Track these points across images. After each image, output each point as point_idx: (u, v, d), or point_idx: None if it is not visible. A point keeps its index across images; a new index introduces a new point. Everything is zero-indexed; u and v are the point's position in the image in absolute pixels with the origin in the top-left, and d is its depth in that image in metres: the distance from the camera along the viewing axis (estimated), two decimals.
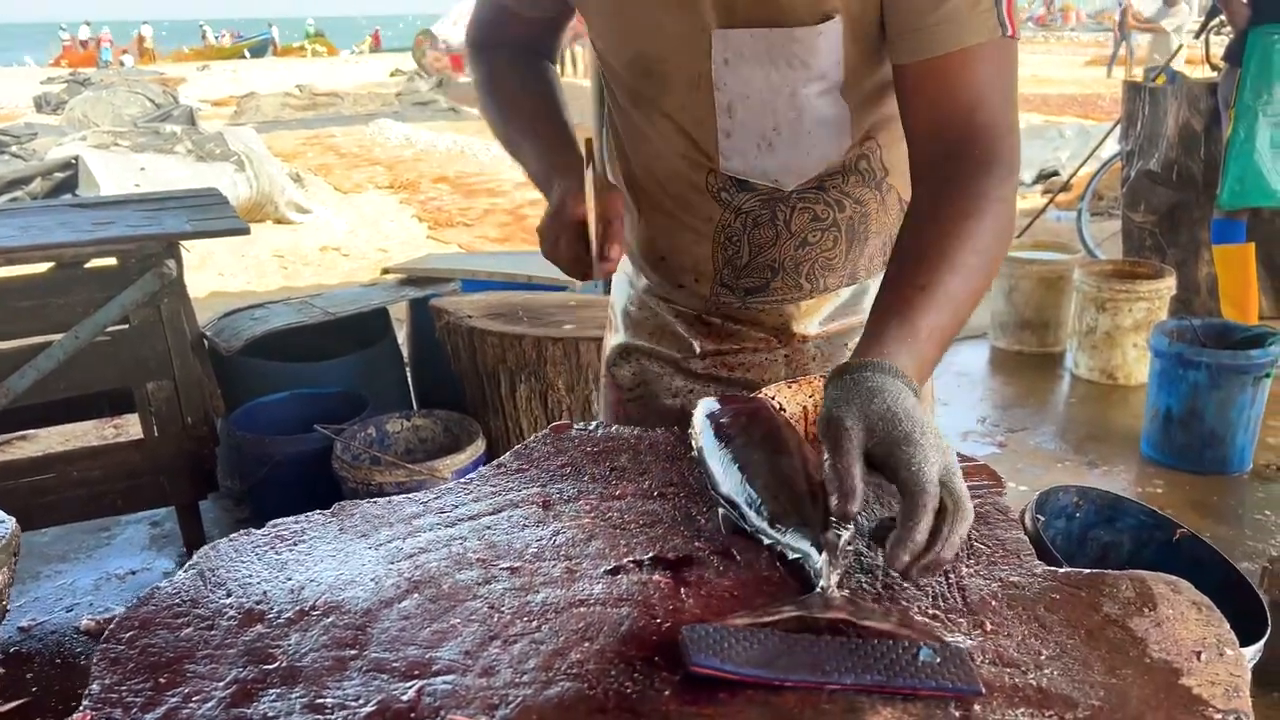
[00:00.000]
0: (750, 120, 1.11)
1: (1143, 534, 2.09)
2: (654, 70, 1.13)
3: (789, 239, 1.18)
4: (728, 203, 1.17)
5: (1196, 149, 4.55)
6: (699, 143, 1.15)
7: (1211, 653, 0.75)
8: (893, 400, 0.82)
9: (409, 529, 0.94)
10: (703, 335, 1.28)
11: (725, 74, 1.08)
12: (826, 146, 1.12)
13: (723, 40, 1.06)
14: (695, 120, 1.13)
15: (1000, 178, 0.99)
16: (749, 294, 1.23)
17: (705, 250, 1.21)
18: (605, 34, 1.17)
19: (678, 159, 1.17)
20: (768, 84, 1.08)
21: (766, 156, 1.12)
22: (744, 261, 1.20)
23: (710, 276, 1.23)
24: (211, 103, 17.98)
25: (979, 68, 0.99)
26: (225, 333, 3.13)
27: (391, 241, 7.52)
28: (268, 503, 2.85)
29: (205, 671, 0.74)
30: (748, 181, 1.15)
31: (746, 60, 1.07)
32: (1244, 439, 3.29)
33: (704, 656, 0.69)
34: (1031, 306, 4.47)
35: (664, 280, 1.28)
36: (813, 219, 1.17)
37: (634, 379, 1.33)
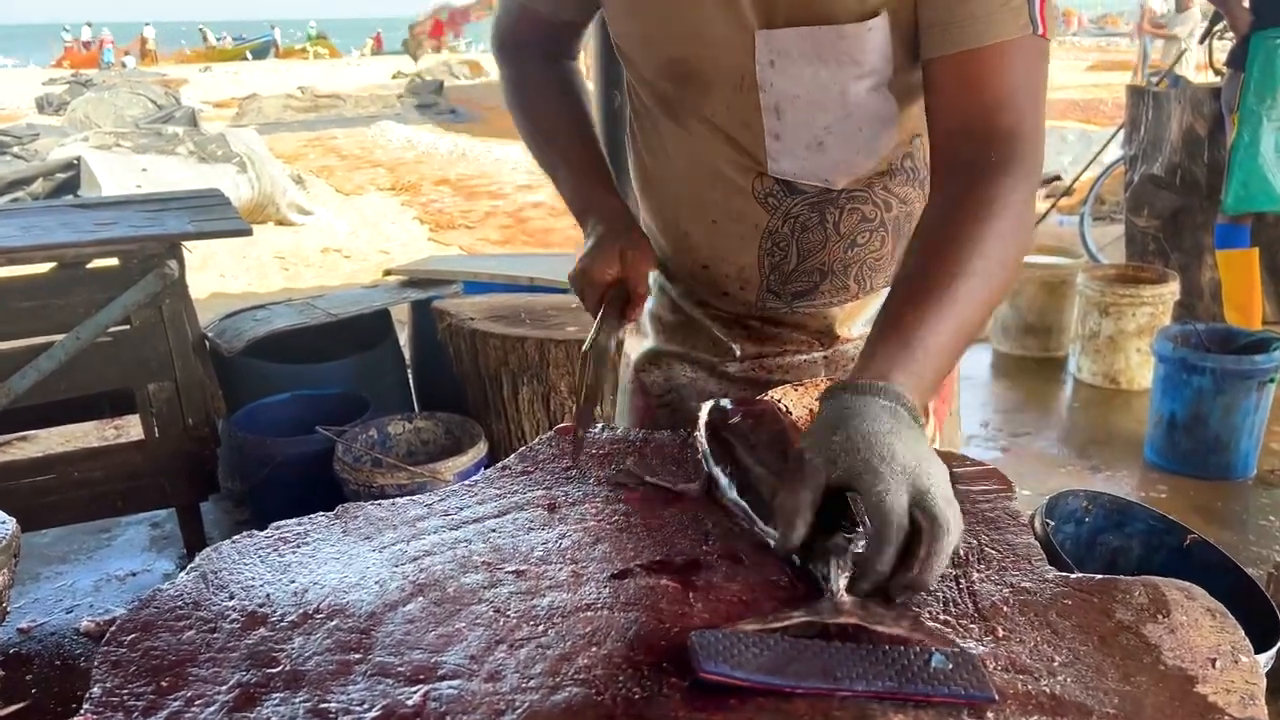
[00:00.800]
0: (800, 121, 1.09)
1: (1153, 539, 2.08)
2: (692, 75, 1.11)
3: (838, 241, 1.16)
4: (775, 208, 1.15)
5: (1200, 153, 4.55)
6: (745, 146, 1.13)
7: (1226, 660, 0.74)
8: (858, 426, 0.78)
9: (413, 531, 0.93)
10: (743, 338, 1.26)
11: (771, 75, 1.06)
12: (878, 143, 1.11)
13: (766, 41, 1.05)
14: (741, 124, 1.11)
15: (1017, 179, 0.96)
16: (796, 298, 1.21)
17: (751, 257, 1.19)
18: (637, 40, 1.16)
19: (721, 165, 1.15)
20: (817, 83, 1.06)
21: (818, 156, 1.11)
22: (791, 266, 1.18)
23: (756, 283, 1.20)
24: (213, 104, 17.99)
25: (1006, 65, 0.97)
26: (227, 334, 3.12)
27: (393, 243, 7.52)
28: (269, 504, 2.84)
29: (207, 675, 0.73)
30: (796, 184, 1.13)
31: (794, 60, 1.05)
32: (1248, 444, 3.28)
33: (713, 663, 0.68)
34: (1034, 311, 4.46)
35: (704, 289, 1.26)
36: (861, 220, 1.16)
37: (664, 385, 1.31)
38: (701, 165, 1.17)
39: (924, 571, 0.74)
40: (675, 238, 1.25)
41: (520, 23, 1.31)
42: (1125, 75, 15.03)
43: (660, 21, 1.10)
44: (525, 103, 1.31)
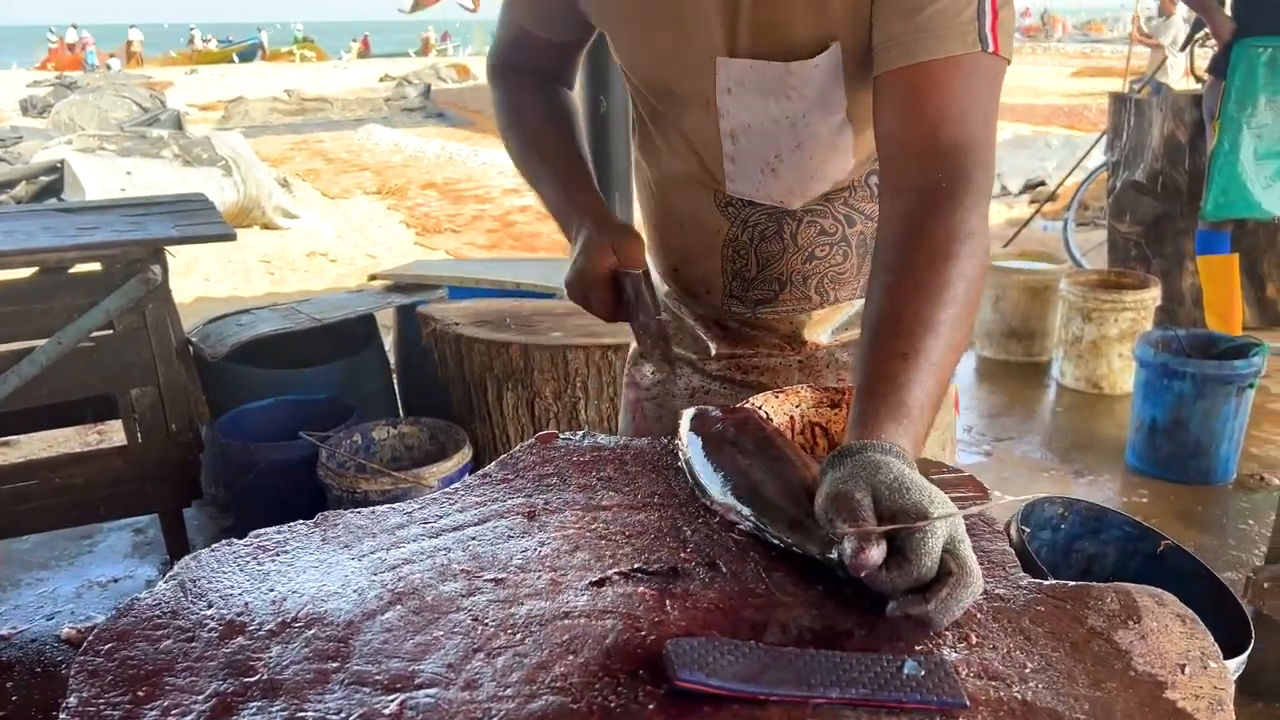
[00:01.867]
0: (753, 148, 1.12)
1: (1128, 545, 2.10)
2: (671, 92, 1.15)
3: (796, 253, 1.19)
4: (734, 216, 1.19)
5: (1181, 160, 4.59)
6: (707, 163, 1.17)
7: (1196, 666, 0.75)
8: (899, 473, 0.79)
9: (393, 539, 0.93)
10: (718, 338, 1.30)
11: (728, 102, 1.09)
12: (830, 168, 1.13)
13: (725, 68, 1.07)
14: (704, 144, 1.15)
15: (969, 207, 0.94)
16: (759, 304, 1.24)
17: (715, 264, 1.23)
18: (628, 54, 1.19)
19: (689, 174, 1.19)
20: (768, 114, 1.09)
21: (770, 181, 1.14)
22: (752, 274, 1.22)
23: (720, 289, 1.25)
24: (199, 107, 17.93)
25: (953, 81, 0.96)
26: (211, 338, 3.11)
27: (379, 247, 7.50)
28: (252, 510, 2.83)
29: (184, 684, 0.73)
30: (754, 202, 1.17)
31: (748, 90, 1.07)
32: (1228, 449, 3.30)
33: (688, 671, 0.68)
34: (1018, 316, 4.49)
35: (678, 288, 1.32)
36: (820, 233, 1.18)
37: (653, 378, 1.35)
38: (675, 173, 1.21)
39: (940, 612, 0.73)
40: (654, 240, 1.30)
41: (518, 45, 1.32)
42: (1109, 81, 15.13)
43: (644, 40, 1.13)
44: (514, 121, 1.31)
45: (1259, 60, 3.75)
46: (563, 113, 1.32)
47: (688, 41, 1.08)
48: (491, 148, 12.53)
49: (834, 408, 1.24)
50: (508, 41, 1.33)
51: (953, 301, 0.91)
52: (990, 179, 0.98)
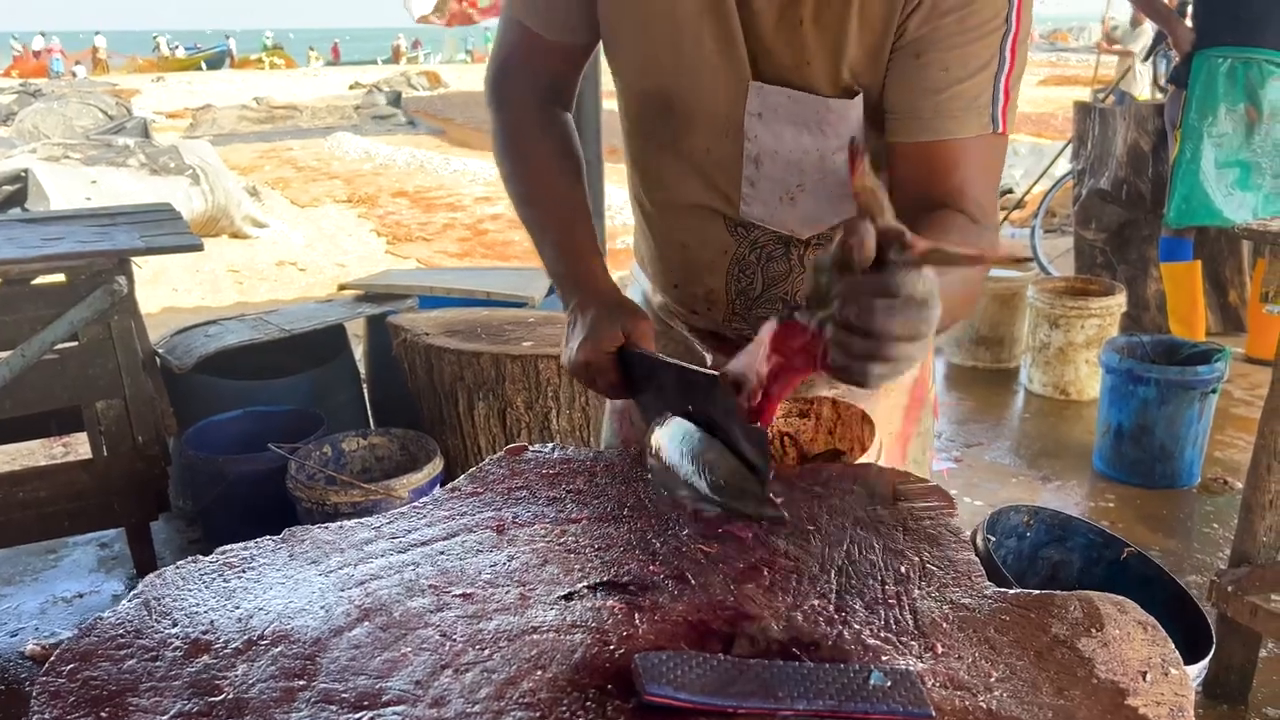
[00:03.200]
0: (776, 174, 1.12)
1: (1092, 552, 2.12)
2: (677, 109, 1.13)
3: (802, 273, 1.19)
4: (743, 237, 1.18)
5: (1145, 169, 4.66)
6: (720, 186, 1.16)
7: (1157, 672, 0.76)
8: None
9: (360, 555, 0.93)
10: (715, 349, 1.30)
11: (757, 126, 1.10)
12: (845, 205, 1.13)
13: (759, 94, 1.08)
14: (719, 165, 1.14)
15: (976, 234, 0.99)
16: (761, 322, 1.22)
17: (719, 281, 1.22)
18: (629, 68, 1.16)
19: (697, 195, 1.18)
20: (798, 144, 1.09)
21: (788, 209, 1.14)
22: (757, 293, 1.22)
23: (723, 305, 1.24)
24: (166, 115, 17.77)
25: (968, 159, 1.03)
26: (178, 350, 3.08)
27: (349, 256, 7.46)
28: (221, 523, 2.80)
29: (148, 705, 0.72)
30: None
31: (780, 118, 1.08)
32: (1192, 453, 3.35)
33: (657, 685, 0.68)
34: (986, 323, 4.53)
35: (681, 304, 1.30)
36: None
37: None
38: (678, 193, 1.20)
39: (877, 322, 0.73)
40: (653, 256, 1.29)
41: (519, 51, 1.24)
42: (1075, 90, 15.34)
43: (658, 53, 1.11)
44: (514, 153, 1.26)
45: (1219, 70, 3.81)
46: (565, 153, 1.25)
47: (714, 63, 1.08)
48: (463, 156, 12.51)
49: (803, 417, 1.25)
50: (508, 45, 1.25)
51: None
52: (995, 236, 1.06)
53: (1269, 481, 2.15)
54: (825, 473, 1.07)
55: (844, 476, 1.06)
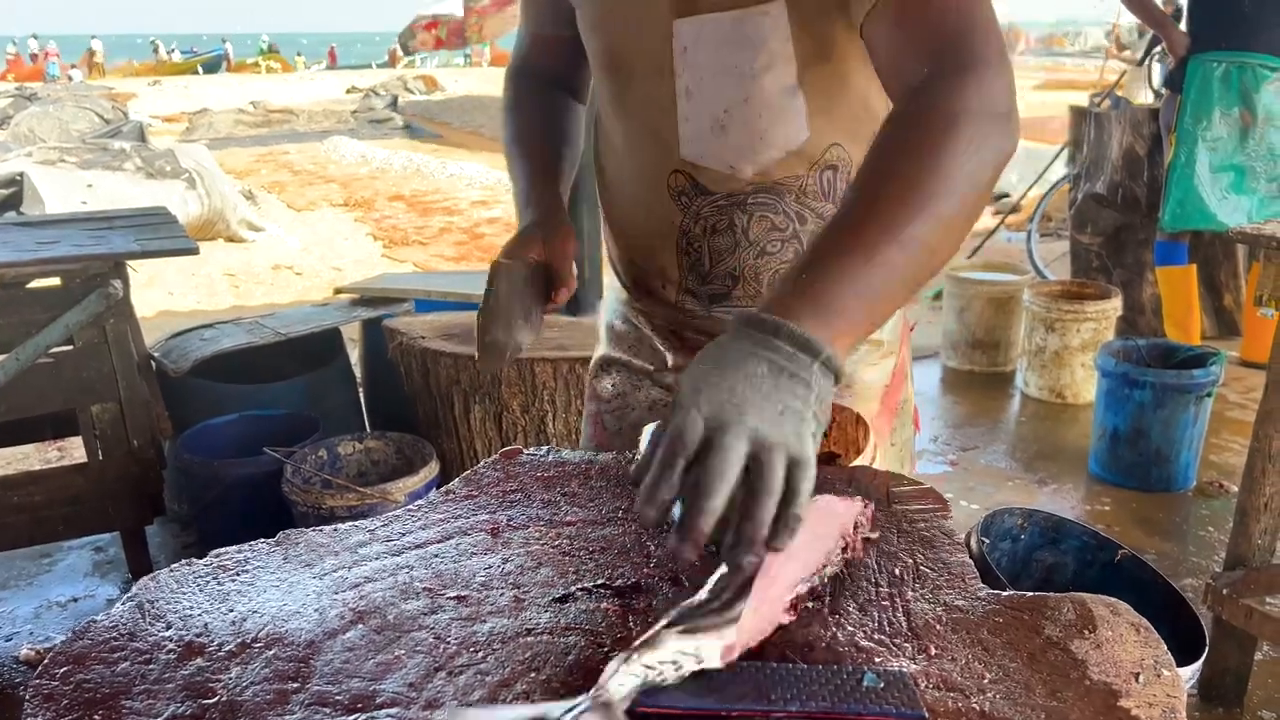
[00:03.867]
0: (704, 102, 1.13)
1: (1086, 555, 2.13)
2: (620, 66, 1.18)
3: (748, 247, 1.19)
4: (686, 206, 1.19)
5: (1140, 173, 4.67)
6: (662, 134, 1.17)
7: (1149, 674, 0.76)
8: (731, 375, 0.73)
9: (355, 558, 0.93)
10: (676, 349, 1.30)
11: (683, 60, 1.12)
12: (781, 134, 1.12)
13: (681, 28, 1.10)
14: (659, 110, 1.16)
15: (980, 79, 0.87)
16: (713, 301, 1.24)
17: (671, 256, 1.23)
18: (590, 27, 1.21)
19: (643, 159, 1.21)
20: (720, 65, 1.10)
21: (720, 139, 1.14)
22: (706, 269, 1.22)
23: (676, 282, 1.25)
24: (163, 119, 17.76)
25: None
26: (173, 353, 3.08)
27: (345, 260, 7.46)
28: (216, 527, 2.80)
29: (142, 707, 0.72)
30: (704, 186, 1.17)
31: (703, 45, 1.10)
32: (1188, 456, 3.36)
33: (648, 695, 0.68)
34: (983, 326, 4.54)
35: (637, 285, 1.31)
36: (771, 228, 1.18)
37: (613, 390, 1.36)
38: (629, 161, 1.23)
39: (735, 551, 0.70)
40: (613, 234, 1.32)
41: (533, 50, 1.38)
42: (1072, 94, 15.36)
43: (599, 10, 1.18)
44: (510, 109, 1.36)
45: (1213, 75, 3.83)
46: (553, 110, 1.35)
47: (639, 9, 1.12)
48: (460, 159, 12.52)
49: None
50: (521, 49, 1.40)
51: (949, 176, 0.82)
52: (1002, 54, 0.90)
53: (1263, 485, 2.16)
54: (820, 475, 1.07)
55: (838, 479, 1.07)
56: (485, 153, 13.55)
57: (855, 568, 0.89)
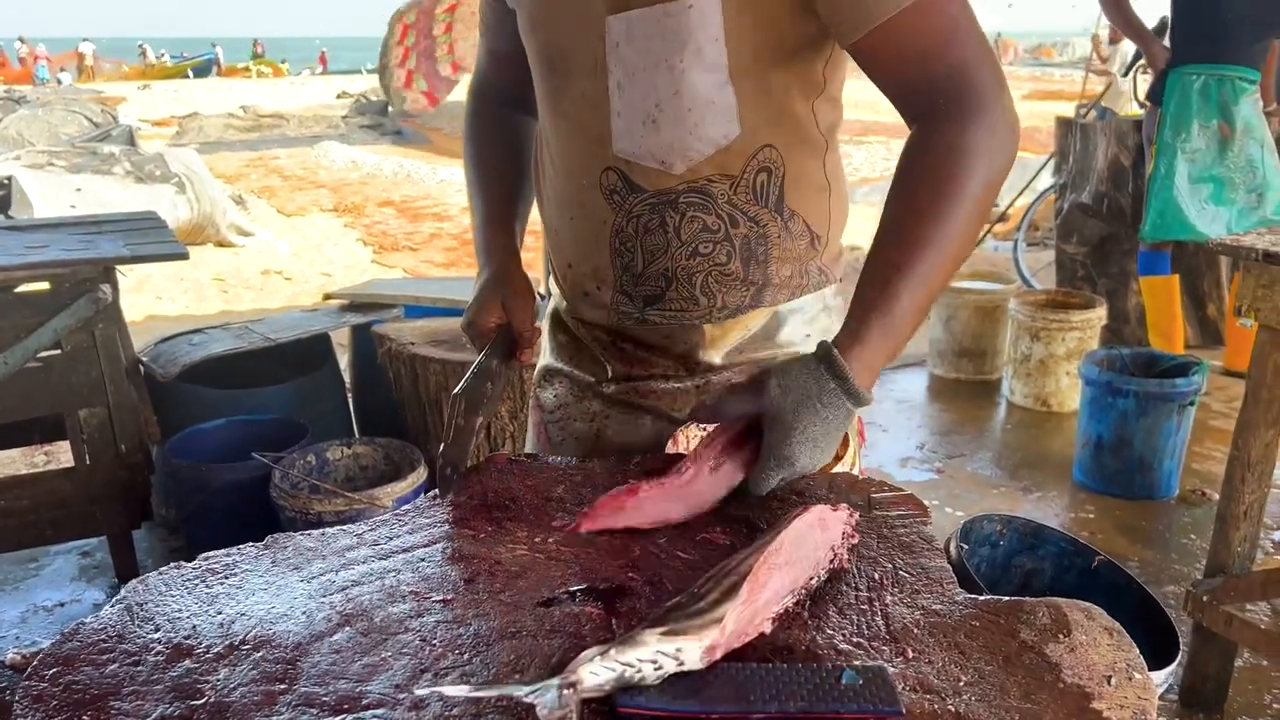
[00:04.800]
0: (635, 96, 1.14)
1: (1063, 560, 2.15)
2: (557, 64, 1.20)
3: (680, 247, 1.19)
4: (619, 205, 1.19)
5: (1125, 183, 4.71)
6: (595, 129, 1.18)
7: (1121, 677, 0.78)
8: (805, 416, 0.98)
9: (342, 561, 0.94)
10: (615, 359, 1.29)
11: (615, 56, 1.13)
12: (711, 129, 1.13)
13: (613, 25, 1.12)
14: (593, 107, 1.17)
15: (968, 123, 1.00)
16: (647, 303, 1.23)
17: (605, 256, 1.23)
18: (525, 30, 1.24)
19: (575, 158, 1.22)
20: (649, 59, 1.11)
21: (651, 134, 1.14)
22: (639, 269, 1.21)
23: (611, 283, 1.24)
24: (152, 122, 17.70)
25: (928, 19, 1.00)
26: (162, 358, 3.08)
27: (335, 265, 7.45)
28: (204, 531, 2.80)
29: (130, 709, 0.73)
30: (636, 183, 1.17)
31: (635, 40, 1.11)
32: (1170, 465, 3.39)
33: (629, 696, 0.70)
34: (969, 335, 4.57)
35: (571, 290, 1.31)
36: (703, 229, 1.18)
37: (555, 401, 1.36)
38: (563, 159, 1.24)
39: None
40: (550, 237, 1.33)
41: (490, 67, 1.41)
42: (1059, 105, 15.45)
43: (535, 9, 1.20)
44: (470, 142, 1.40)
45: (1192, 87, 3.87)
46: (511, 142, 1.38)
47: (572, 7, 1.14)
48: (450, 165, 12.52)
49: None
50: (481, 66, 1.43)
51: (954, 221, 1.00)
52: (997, 86, 1.02)
53: (1243, 492, 2.19)
54: (801, 481, 1.09)
55: (819, 485, 1.08)
56: None
57: (836, 572, 0.90)
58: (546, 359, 1.39)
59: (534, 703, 0.65)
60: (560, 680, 0.67)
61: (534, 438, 1.40)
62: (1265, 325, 2.08)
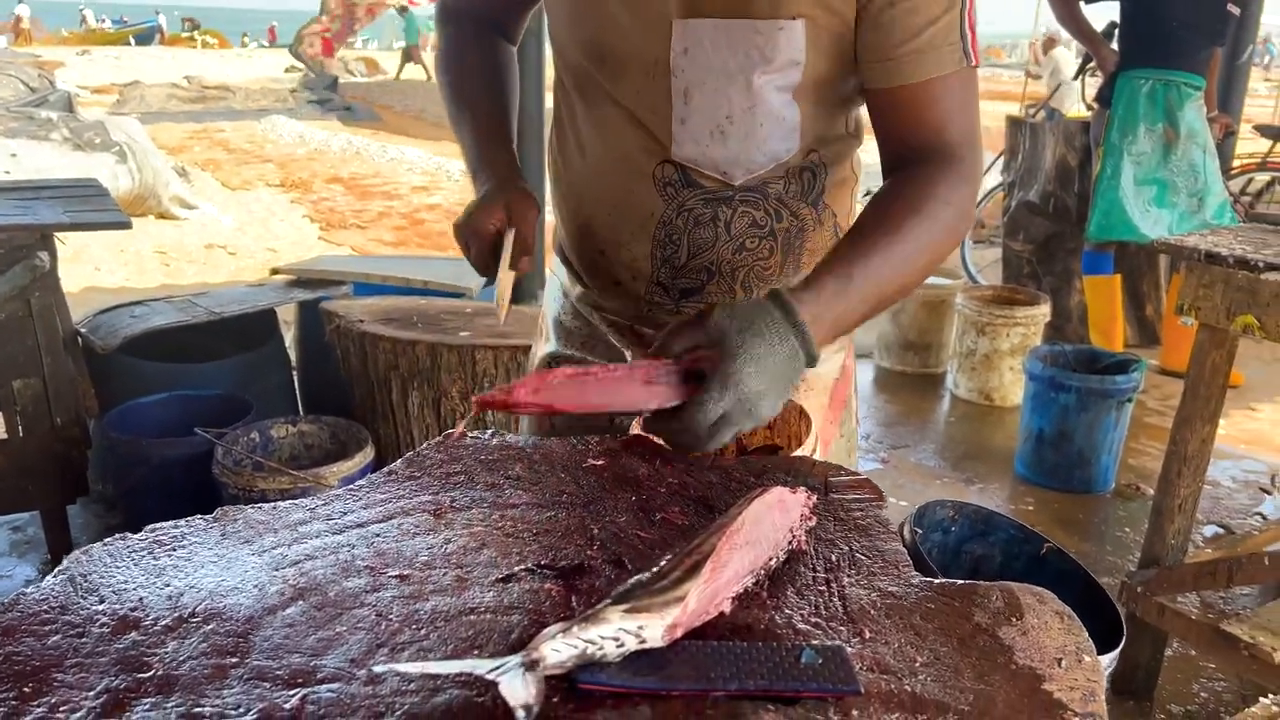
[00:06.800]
0: (705, 106, 1.13)
1: (1013, 547, 2.19)
2: (608, 57, 1.16)
3: (728, 242, 1.20)
4: (672, 198, 1.18)
5: (1071, 183, 4.80)
6: (652, 130, 1.16)
7: (1071, 659, 0.79)
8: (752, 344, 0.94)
9: (295, 535, 0.92)
10: (634, 345, 1.29)
11: (683, 61, 1.11)
12: (776, 144, 1.15)
13: (683, 29, 1.10)
14: (650, 107, 1.15)
15: (953, 183, 1.09)
16: (684, 295, 1.24)
17: (644, 248, 1.22)
18: (563, 18, 1.20)
19: (627, 149, 1.19)
20: (725, 72, 1.11)
21: (718, 145, 1.15)
22: (682, 261, 1.21)
23: (647, 275, 1.23)
24: (92, 90, 17.18)
25: (945, 96, 1.09)
26: (101, 330, 2.99)
27: (281, 241, 7.32)
28: (143, 507, 2.74)
29: (74, 681, 0.71)
30: (694, 178, 1.17)
31: (705, 49, 1.10)
32: (1108, 459, 3.47)
33: (589, 673, 0.69)
34: (915, 329, 4.63)
35: (599, 278, 1.29)
36: (751, 224, 1.19)
37: None
38: (609, 149, 1.21)
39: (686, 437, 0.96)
40: (578, 224, 1.29)
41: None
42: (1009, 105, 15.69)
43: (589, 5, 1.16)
44: (449, 61, 1.34)
45: (1140, 91, 3.95)
46: (494, 63, 1.34)
47: (636, 6, 1.12)
48: (400, 144, 12.35)
49: None
50: None
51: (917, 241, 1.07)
52: (977, 168, 1.14)
53: (1179, 486, 2.24)
54: (760, 466, 1.09)
55: (779, 469, 1.09)
56: (426, 138, 13.39)
57: (793, 554, 0.91)
58: (552, 346, 1.36)
59: (496, 680, 0.64)
60: (523, 657, 0.66)
61: (533, 426, 1.37)
62: (1205, 324, 2.13)
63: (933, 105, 1.10)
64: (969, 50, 1.08)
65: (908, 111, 1.11)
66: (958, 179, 1.10)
